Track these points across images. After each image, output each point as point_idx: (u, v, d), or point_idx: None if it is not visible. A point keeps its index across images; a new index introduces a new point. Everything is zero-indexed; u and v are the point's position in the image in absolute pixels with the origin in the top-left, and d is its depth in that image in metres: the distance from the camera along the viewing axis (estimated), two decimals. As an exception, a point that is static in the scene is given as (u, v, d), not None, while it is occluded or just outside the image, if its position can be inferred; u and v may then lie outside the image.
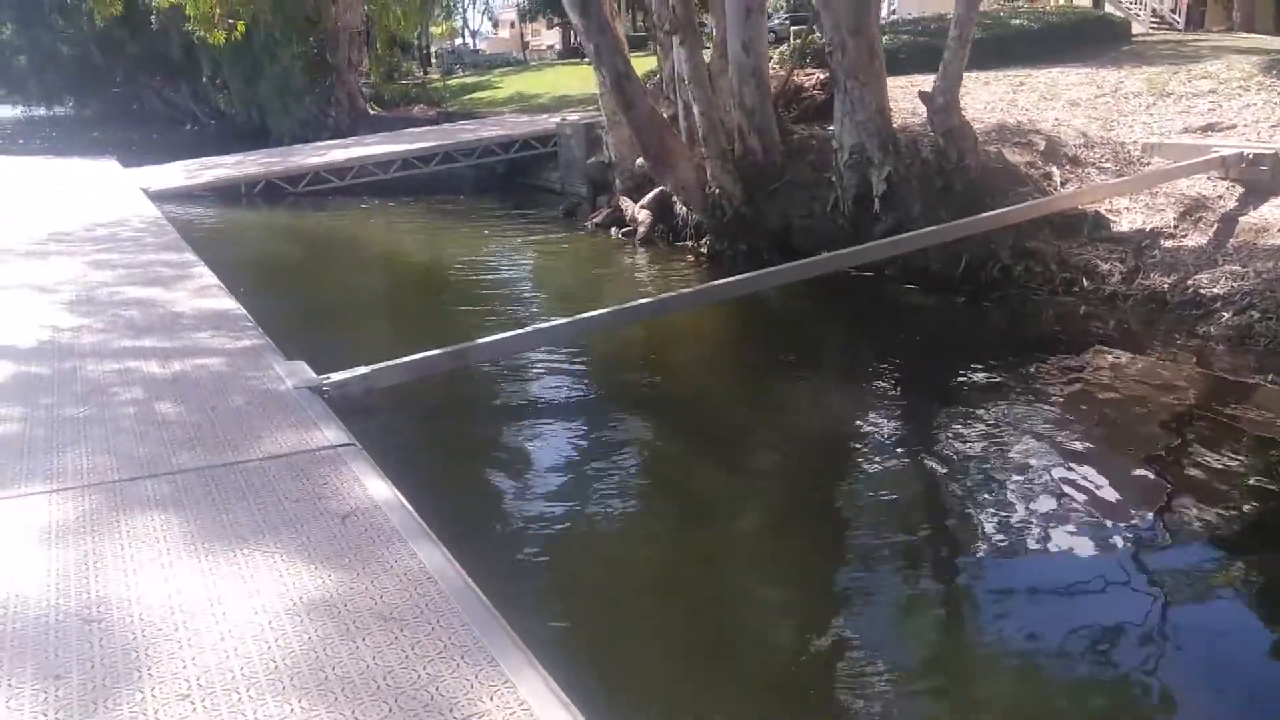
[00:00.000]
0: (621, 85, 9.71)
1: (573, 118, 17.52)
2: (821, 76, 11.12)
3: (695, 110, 9.71)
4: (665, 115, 10.99)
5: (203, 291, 6.82)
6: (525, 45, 60.06)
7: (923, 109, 10.55)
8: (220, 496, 3.41)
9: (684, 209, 10.91)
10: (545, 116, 20.15)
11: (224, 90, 28.60)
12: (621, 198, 12.13)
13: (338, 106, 25.06)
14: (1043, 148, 9.60)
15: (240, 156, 17.89)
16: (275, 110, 25.41)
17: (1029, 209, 7.73)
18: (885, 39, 12.39)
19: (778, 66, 11.94)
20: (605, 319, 5.77)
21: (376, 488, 3.51)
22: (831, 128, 10.56)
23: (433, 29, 43.43)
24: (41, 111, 46.87)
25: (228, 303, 6.47)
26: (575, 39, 52.68)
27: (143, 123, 36.97)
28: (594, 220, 12.69)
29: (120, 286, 6.94)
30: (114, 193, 13.73)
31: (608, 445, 5.37)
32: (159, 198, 13.52)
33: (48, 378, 4.75)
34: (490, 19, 63.17)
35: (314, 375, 4.88)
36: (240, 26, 18.53)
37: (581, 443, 5.38)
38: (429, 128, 21.16)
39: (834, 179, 9.44)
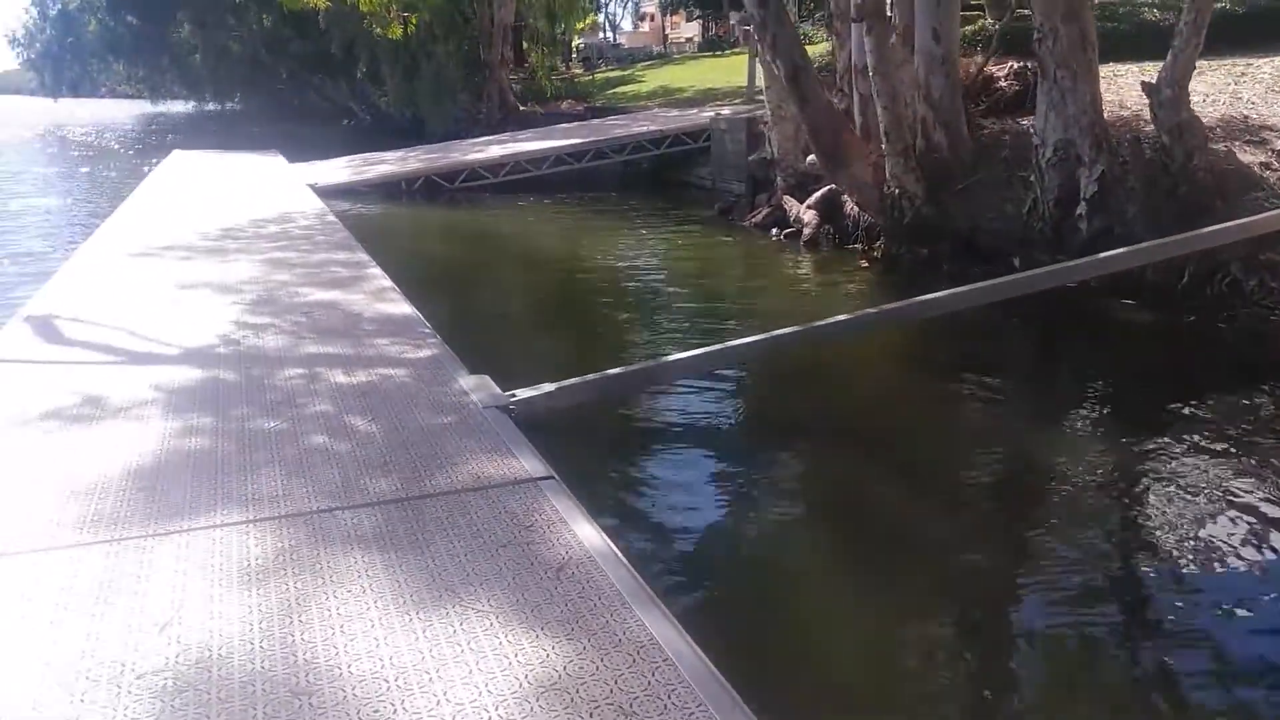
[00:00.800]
0: (798, 77, 9.16)
1: (725, 112, 17.03)
2: (1015, 66, 10.24)
3: (878, 104, 9.05)
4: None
5: (379, 294, 6.69)
6: (665, 38, 59.89)
7: (1131, 101, 9.60)
8: (423, 535, 3.11)
9: (855, 209, 10.27)
10: (695, 111, 19.75)
11: (380, 87, 29.46)
12: (785, 196, 11.58)
13: (489, 102, 25.39)
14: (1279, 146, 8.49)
15: (403, 152, 18.22)
16: (429, 106, 25.95)
17: (1281, 217, 6.77)
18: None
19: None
20: (800, 336, 5.27)
21: (586, 535, 3.13)
22: (1026, 122, 9.72)
23: (575, 25, 43.74)
24: (212, 107, 49.87)
25: (404, 307, 6.30)
26: (714, 31, 52.15)
27: (303, 118, 38.59)
28: (753, 220, 12.19)
29: (299, 287, 6.90)
30: (282, 188, 14.11)
31: (802, 479, 4.90)
32: (324, 193, 13.80)
33: (237, 385, 4.62)
34: (636, 12, 63.21)
35: (499, 391, 4.59)
36: (414, 20, 18.86)
37: (776, 476, 4.91)
38: (578, 123, 21.08)
39: (1033, 178, 8.63)
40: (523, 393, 4.66)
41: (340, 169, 16.68)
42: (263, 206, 11.77)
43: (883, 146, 9.22)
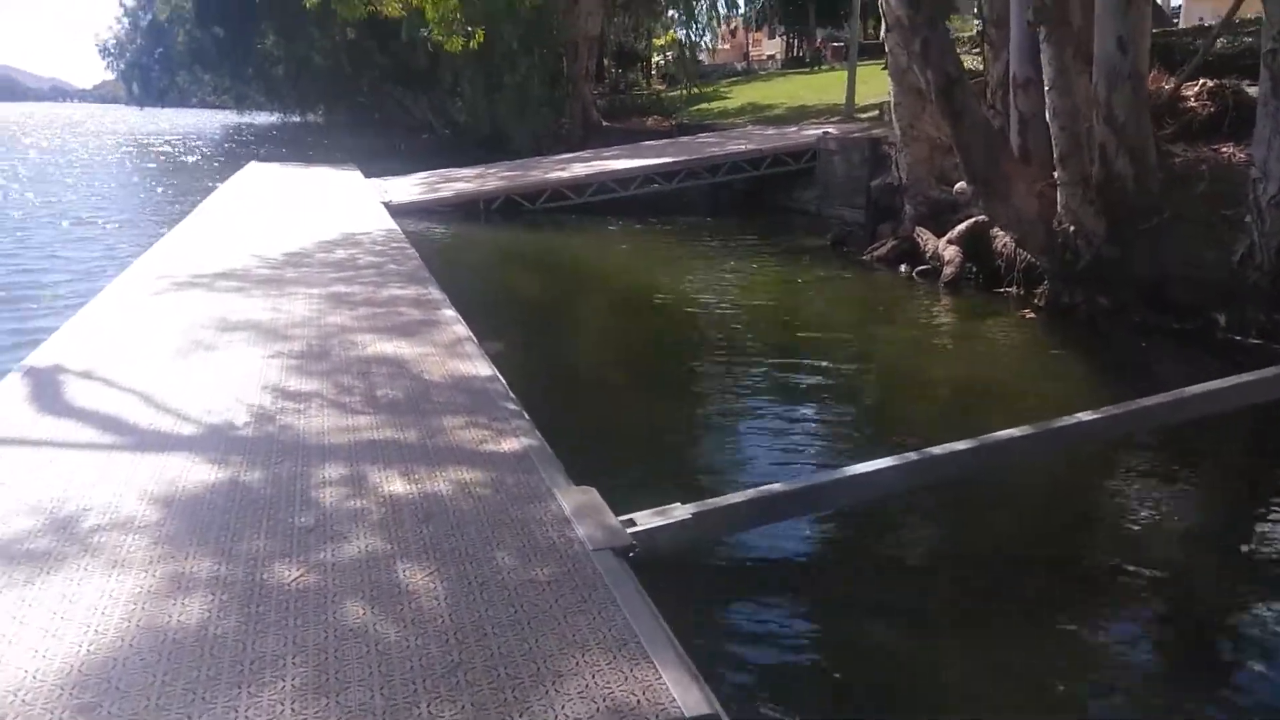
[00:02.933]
0: (951, 91, 7.69)
1: (832, 130, 15.62)
2: (1209, 85, 8.61)
3: (1053, 124, 7.54)
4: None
5: (454, 347, 5.44)
6: (747, 55, 58.77)
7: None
8: None
9: (1008, 247, 8.74)
10: (795, 129, 18.43)
11: (461, 101, 28.72)
12: (917, 229, 10.09)
13: (572, 118, 24.36)
14: None
15: (480, 169, 17.20)
16: (511, 121, 25.03)
17: None
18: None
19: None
20: (1028, 443, 3.83)
21: None
22: (1226, 150, 8.11)
23: (654, 40, 42.75)
24: (295, 119, 50.22)
25: (483, 367, 5.04)
26: (799, 49, 50.51)
27: (383, 131, 38.36)
28: (875, 253, 10.72)
29: (359, 334, 5.69)
30: (356, 206, 13.13)
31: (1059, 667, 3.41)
32: (399, 212, 12.79)
33: (257, 497, 3.37)
34: (726, 28, 62.07)
35: (612, 519, 3.25)
36: (479, 34, 17.89)
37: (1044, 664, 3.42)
38: (666, 141, 19.85)
39: (1248, 219, 7.02)
40: (645, 519, 3.33)
41: (417, 186, 15.70)
42: (332, 226, 10.76)
43: (1055, 174, 7.70)
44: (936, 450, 3.68)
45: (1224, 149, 8.11)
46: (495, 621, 2.59)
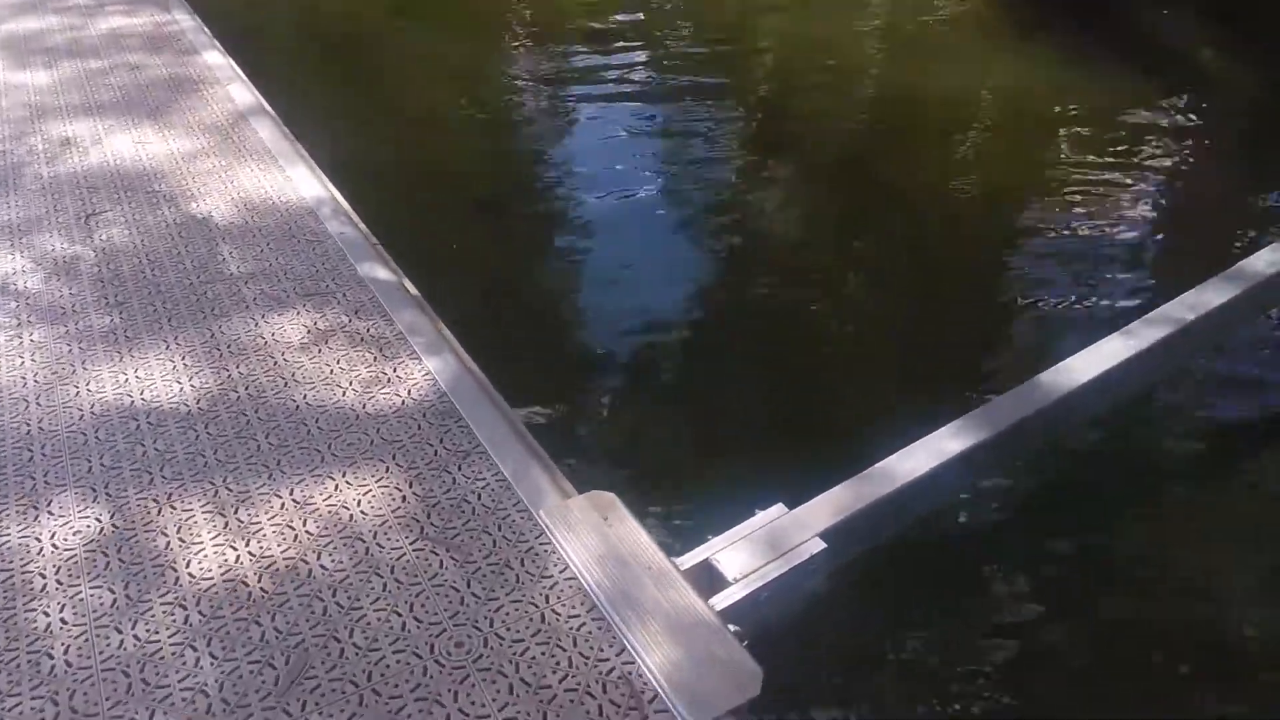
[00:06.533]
0: None
1: None
2: None
3: None
4: None
5: (236, 134, 3.24)
6: None
7: None
8: None
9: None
10: None
11: None
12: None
13: None
14: None
15: None
16: None
17: None
18: None
19: None
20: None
21: None
22: None
23: None
24: None
25: (301, 176, 2.96)
26: None
27: None
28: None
29: (69, 123, 3.33)
30: None
31: None
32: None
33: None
34: None
35: (700, 604, 1.60)
36: None
37: None
38: None
39: None
40: (734, 563, 1.71)
41: None
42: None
43: None
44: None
45: None
46: None
